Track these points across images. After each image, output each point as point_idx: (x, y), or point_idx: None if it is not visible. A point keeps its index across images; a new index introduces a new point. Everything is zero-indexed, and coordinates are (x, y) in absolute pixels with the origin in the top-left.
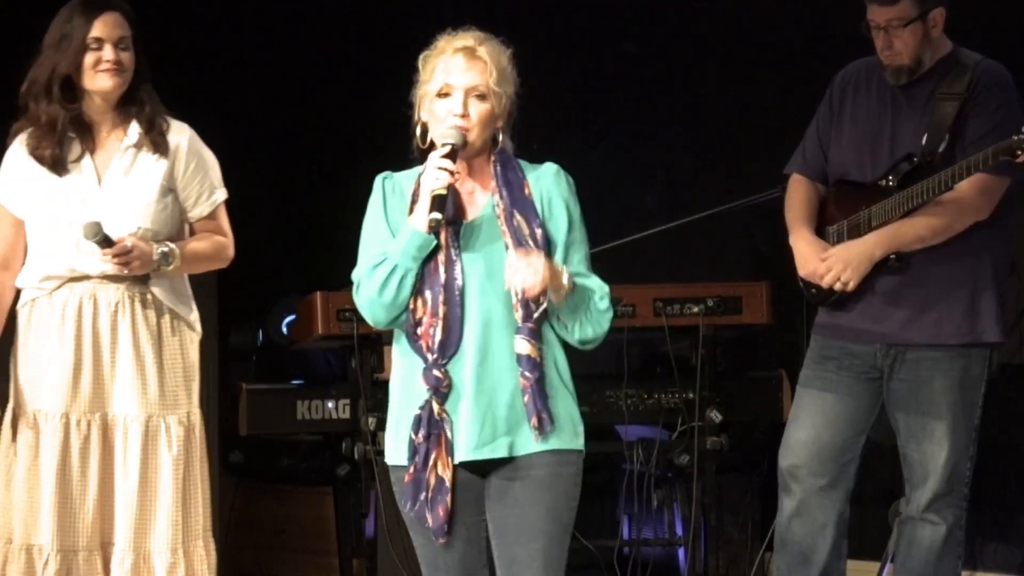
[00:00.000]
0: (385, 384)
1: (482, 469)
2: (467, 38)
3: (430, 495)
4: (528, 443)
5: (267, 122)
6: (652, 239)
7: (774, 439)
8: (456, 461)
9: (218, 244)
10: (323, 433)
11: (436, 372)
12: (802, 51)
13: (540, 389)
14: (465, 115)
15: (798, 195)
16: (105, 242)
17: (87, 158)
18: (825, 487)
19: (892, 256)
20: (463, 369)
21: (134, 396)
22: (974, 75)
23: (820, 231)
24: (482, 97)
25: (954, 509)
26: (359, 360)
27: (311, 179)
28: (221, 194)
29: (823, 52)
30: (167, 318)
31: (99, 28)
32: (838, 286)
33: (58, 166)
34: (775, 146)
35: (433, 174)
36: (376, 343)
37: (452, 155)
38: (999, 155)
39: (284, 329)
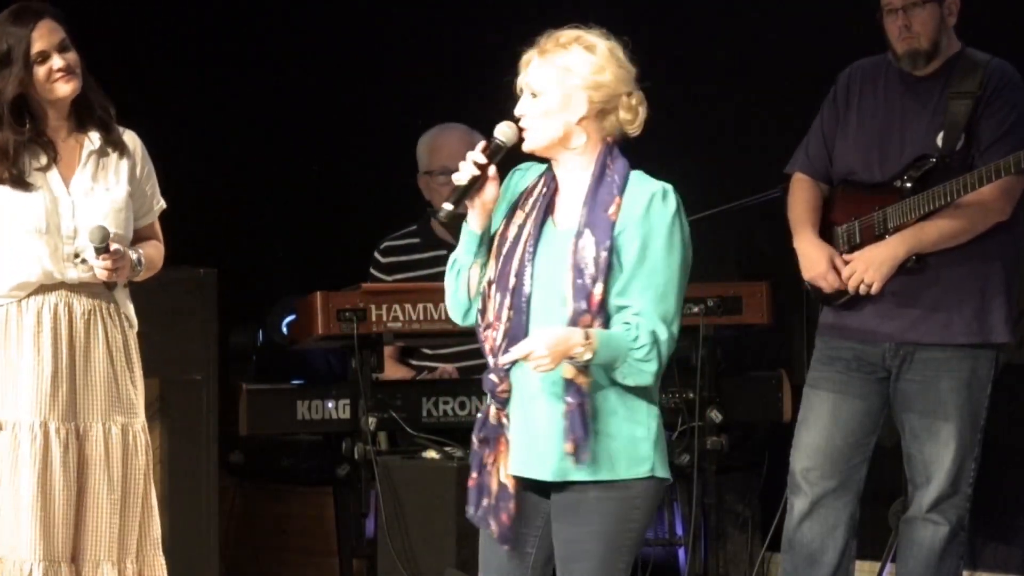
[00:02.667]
0: (384, 384)
1: (539, 486)
2: (549, 38)
3: (493, 501)
4: (571, 470)
5: (267, 122)
6: None
7: (774, 439)
8: (508, 471)
9: (161, 251)
10: (323, 433)
11: (493, 376)
12: (802, 51)
13: (581, 416)
14: (523, 115)
15: (801, 195)
16: (105, 248)
17: (52, 168)
18: (836, 489)
19: (912, 257)
20: (523, 379)
21: (109, 405)
22: (985, 73)
23: (828, 231)
24: (534, 95)
25: (957, 510)
26: (359, 360)
27: (311, 179)
28: (162, 201)
29: (823, 52)
30: (125, 326)
31: (39, 42)
32: (862, 289)
33: (19, 185)
34: (775, 146)
35: (463, 164)
36: (376, 343)
37: (489, 150)
38: None
39: (284, 329)
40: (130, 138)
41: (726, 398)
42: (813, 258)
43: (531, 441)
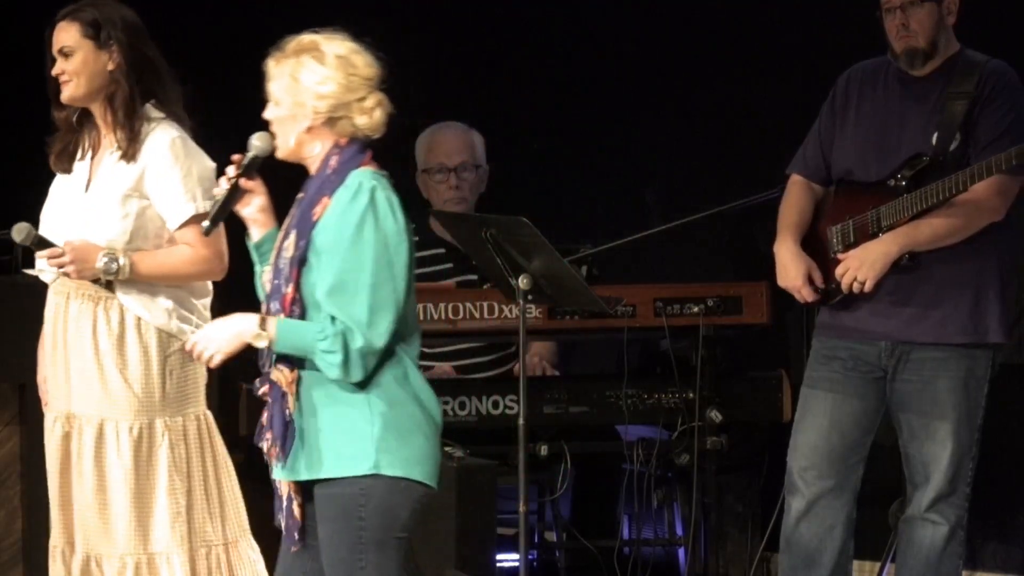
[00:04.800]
0: None
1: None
2: (285, 46)
3: (283, 503)
4: (300, 468)
5: (266, 121)
6: (652, 239)
7: (774, 439)
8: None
9: (185, 257)
10: None
11: (257, 382)
12: (802, 51)
13: (279, 416)
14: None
15: (792, 199)
16: (40, 244)
17: (86, 162)
18: (833, 488)
19: (905, 256)
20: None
21: (88, 399)
22: (983, 74)
23: (823, 231)
24: (274, 104)
25: (956, 509)
26: None
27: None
28: (191, 208)
29: (823, 52)
30: (132, 324)
31: (53, 42)
32: (856, 287)
33: (59, 169)
34: (775, 146)
35: (221, 179)
36: None
37: (243, 163)
38: (1022, 157)
39: None
40: (153, 141)
41: (726, 398)
42: (789, 268)
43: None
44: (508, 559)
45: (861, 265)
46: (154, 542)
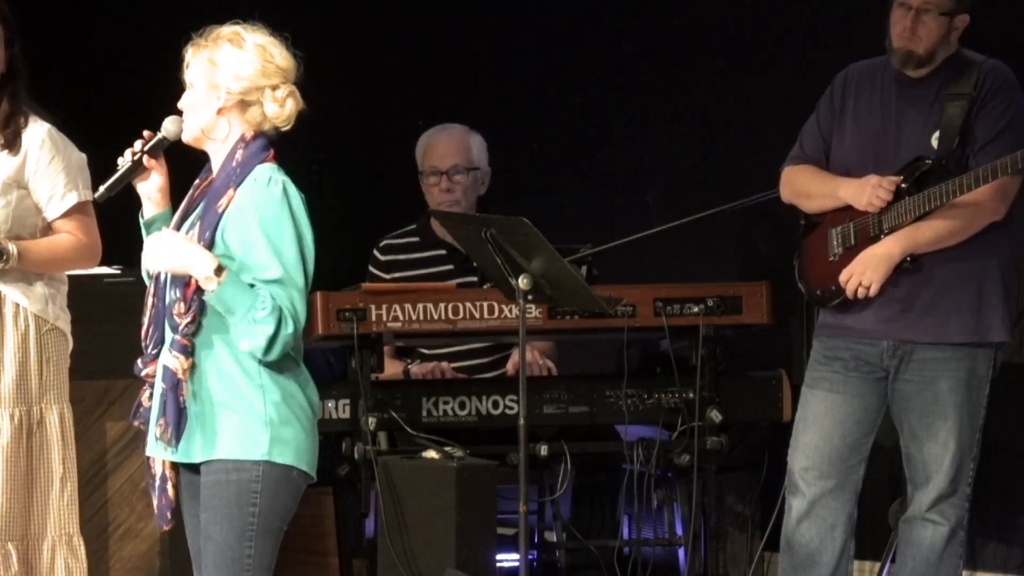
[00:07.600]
0: (384, 384)
1: (194, 466)
2: (207, 34)
3: (156, 482)
4: (195, 451)
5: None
6: (652, 239)
7: (774, 439)
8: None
9: (68, 245)
10: (323, 433)
11: (139, 362)
12: (802, 51)
13: (173, 400)
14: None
15: (805, 170)
16: None
17: None
18: (834, 489)
19: (907, 258)
20: (160, 365)
21: None
22: (980, 74)
23: (824, 233)
24: (190, 88)
25: (957, 510)
26: (359, 360)
27: (311, 179)
28: (74, 196)
29: (823, 52)
30: (11, 312)
31: None
32: (860, 291)
33: None
34: (775, 146)
35: (128, 151)
36: (376, 343)
37: (149, 142)
38: None
39: None
40: (32, 132)
41: (726, 398)
42: (857, 182)
43: (154, 423)
44: (508, 559)
45: (865, 269)
46: (32, 531)
